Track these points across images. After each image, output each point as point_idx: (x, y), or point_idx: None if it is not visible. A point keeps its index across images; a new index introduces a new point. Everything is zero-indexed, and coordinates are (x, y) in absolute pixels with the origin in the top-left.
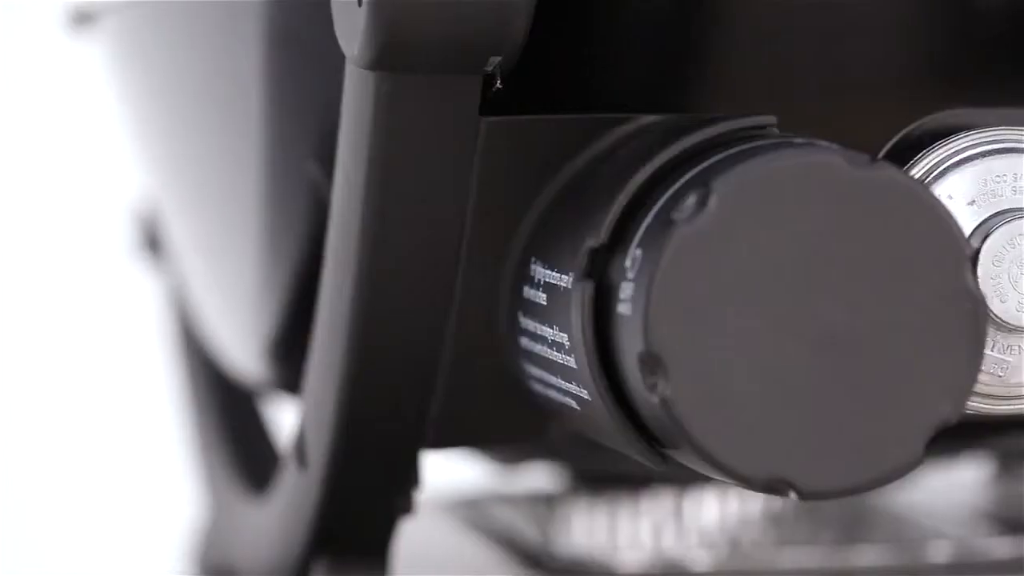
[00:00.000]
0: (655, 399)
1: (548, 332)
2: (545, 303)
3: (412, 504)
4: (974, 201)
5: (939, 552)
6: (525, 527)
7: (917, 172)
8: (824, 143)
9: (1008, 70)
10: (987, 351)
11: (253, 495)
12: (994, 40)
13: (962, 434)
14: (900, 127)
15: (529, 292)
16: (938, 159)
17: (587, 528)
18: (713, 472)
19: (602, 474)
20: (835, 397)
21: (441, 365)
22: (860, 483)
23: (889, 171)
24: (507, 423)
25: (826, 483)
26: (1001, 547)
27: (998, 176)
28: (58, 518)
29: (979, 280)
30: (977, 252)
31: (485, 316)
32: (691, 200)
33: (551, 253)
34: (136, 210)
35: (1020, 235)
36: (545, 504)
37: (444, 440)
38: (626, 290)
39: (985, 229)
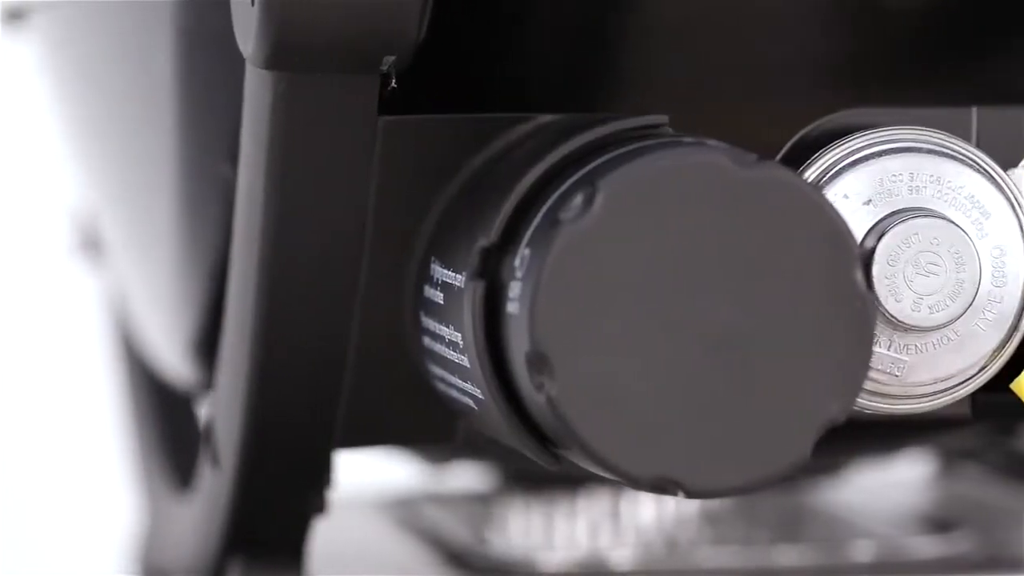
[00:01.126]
0: (542, 398)
1: (446, 331)
2: (442, 302)
3: (325, 503)
4: (870, 201)
5: (863, 552)
6: (456, 527)
7: (813, 172)
8: (714, 143)
9: (906, 70)
10: (884, 350)
11: (183, 495)
12: (891, 41)
13: (894, 433)
14: (800, 128)
15: (429, 291)
16: (834, 159)
17: (524, 528)
18: (601, 471)
19: (538, 474)
20: (722, 396)
21: (348, 365)
22: (748, 482)
23: (776, 171)
24: (417, 423)
25: (713, 482)
26: (926, 547)
27: (894, 176)
28: None
29: (874, 280)
30: (872, 252)
31: (391, 316)
32: (578, 200)
33: (448, 252)
34: (75, 210)
35: (915, 234)
36: (481, 504)
37: (354, 440)
38: (515, 289)
39: (880, 228)
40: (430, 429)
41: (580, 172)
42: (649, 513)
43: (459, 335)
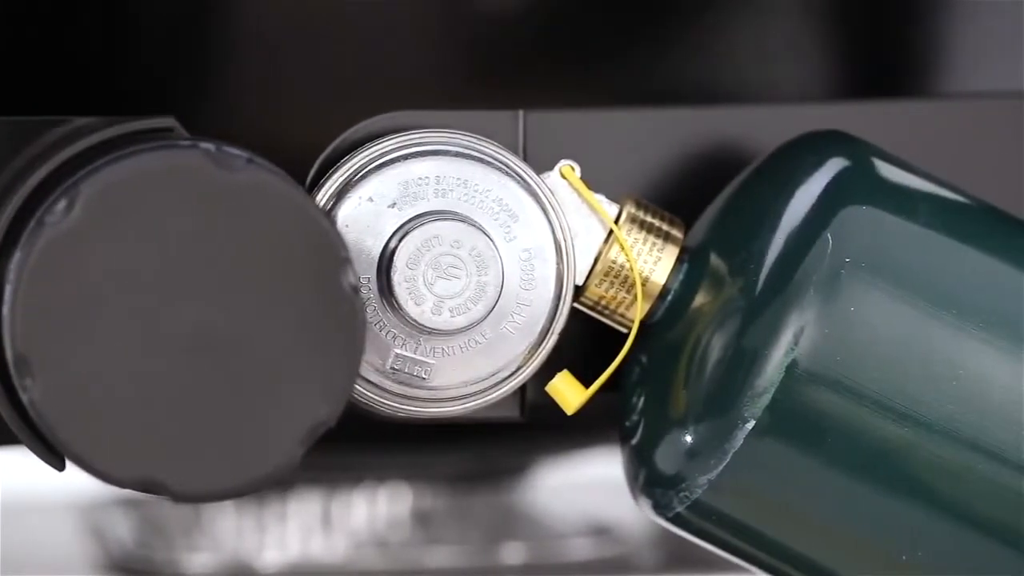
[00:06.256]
0: (26, 400)
1: None
2: None
3: None
4: (395, 203)
5: (517, 554)
6: (130, 532)
7: (341, 175)
8: (208, 145)
9: (460, 75)
10: (409, 354)
11: None
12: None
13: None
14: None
15: None
16: (361, 162)
17: (234, 531)
18: (87, 473)
19: None
20: (210, 399)
21: None
22: (237, 486)
23: (261, 174)
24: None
25: (201, 485)
26: (584, 548)
27: (420, 179)
28: None
29: (394, 284)
30: (393, 255)
31: None
32: (62, 203)
33: None
34: None
35: (435, 237)
36: (191, 508)
37: None
38: (7, 292)
39: (403, 232)
40: None
41: (77, 175)
42: (361, 515)
43: None
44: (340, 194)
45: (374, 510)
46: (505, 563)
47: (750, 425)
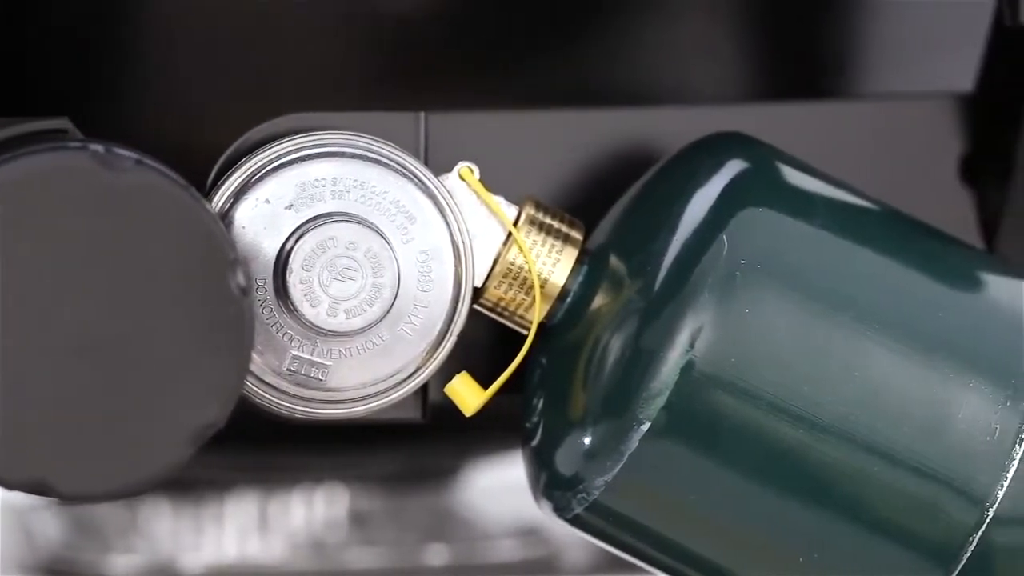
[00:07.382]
0: None
1: None
2: None
3: None
4: (292, 205)
5: (439, 555)
6: (66, 532)
7: (238, 177)
8: (98, 146)
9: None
10: (306, 355)
11: None
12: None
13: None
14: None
15: None
16: (259, 164)
17: (170, 532)
18: None
19: (187, 479)
20: (98, 401)
21: None
22: (125, 486)
23: (150, 175)
24: None
25: (89, 486)
26: (516, 549)
27: (317, 180)
28: None
29: (289, 285)
30: (288, 256)
31: None
32: None
33: None
34: None
35: (331, 239)
36: (126, 508)
37: None
38: None
39: (299, 233)
40: None
41: None
42: (298, 516)
43: None
44: (237, 195)
45: (311, 511)
46: (439, 564)
47: (645, 427)
